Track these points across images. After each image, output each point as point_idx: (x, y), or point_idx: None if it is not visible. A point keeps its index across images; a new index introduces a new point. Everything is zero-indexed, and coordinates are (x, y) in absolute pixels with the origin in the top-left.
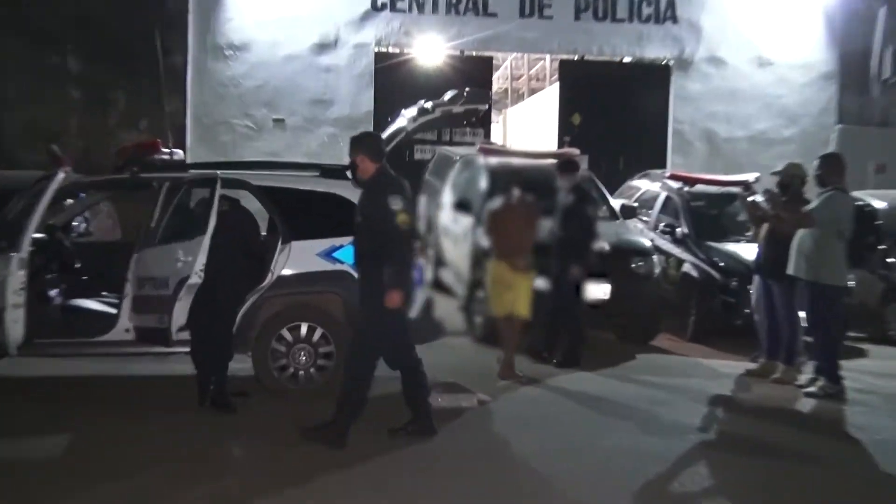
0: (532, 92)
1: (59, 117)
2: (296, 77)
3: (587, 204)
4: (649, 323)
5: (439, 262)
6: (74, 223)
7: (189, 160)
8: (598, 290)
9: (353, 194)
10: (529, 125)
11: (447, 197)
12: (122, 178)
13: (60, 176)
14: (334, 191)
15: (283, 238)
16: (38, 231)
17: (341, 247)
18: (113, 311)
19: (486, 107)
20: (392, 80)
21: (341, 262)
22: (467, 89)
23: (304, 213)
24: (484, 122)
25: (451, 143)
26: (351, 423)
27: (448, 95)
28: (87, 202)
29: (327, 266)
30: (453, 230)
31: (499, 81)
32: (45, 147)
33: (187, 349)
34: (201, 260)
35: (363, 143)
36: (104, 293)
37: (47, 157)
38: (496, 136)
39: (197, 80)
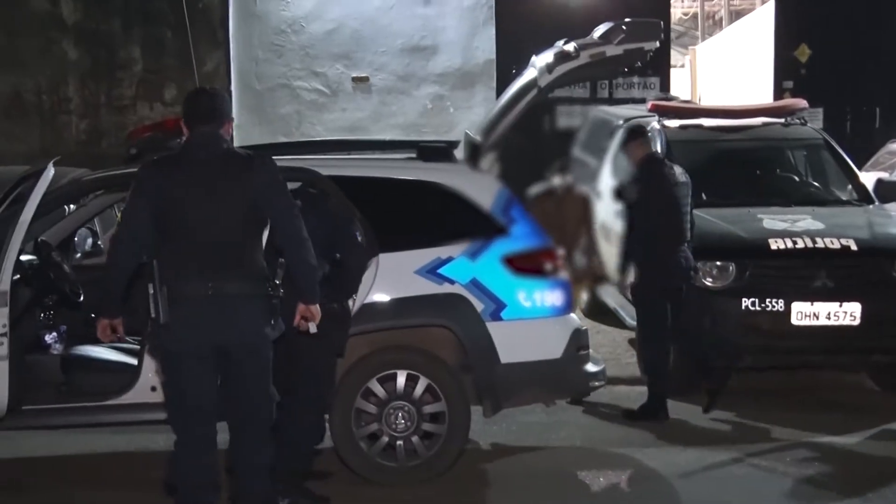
0: (734, 17)
1: (51, 87)
2: (382, 16)
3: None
4: None
5: (597, 275)
6: (76, 238)
7: (237, 142)
8: (840, 312)
9: (464, 183)
10: (730, 67)
11: (606, 180)
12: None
13: (51, 172)
14: (438, 179)
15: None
16: (24, 251)
17: (450, 259)
18: (132, 360)
19: (657, 44)
20: (521, 12)
21: (452, 282)
22: (627, 20)
23: (397, 214)
24: (657, 67)
25: (611, 100)
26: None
27: (599, 31)
28: (93, 208)
29: (432, 288)
30: (615, 229)
31: (682, 3)
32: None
33: None
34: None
35: None
36: (120, 336)
37: None
38: (679, 87)
39: (242, 28)
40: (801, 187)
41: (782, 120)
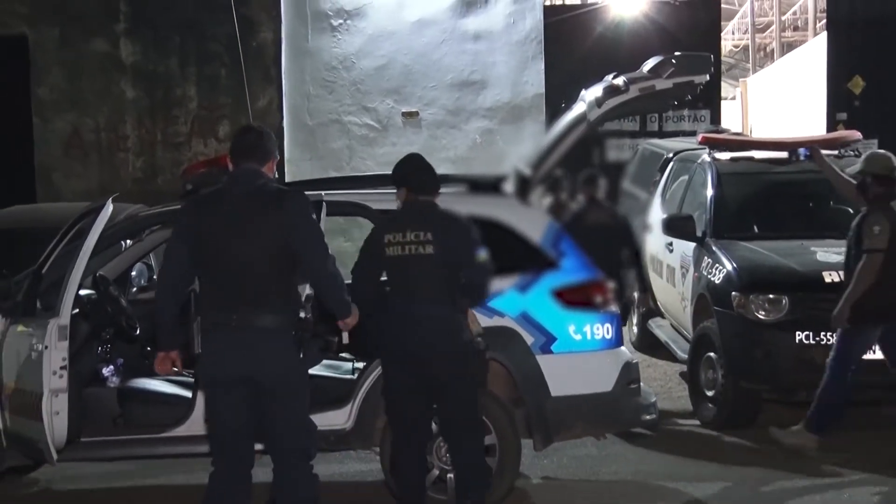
0: (786, 49)
1: (110, 125)
2: (432, 51)
3: None
4: None
5: (648, 308)
6: (133, 273)
7: (288, 177)
8: None
9: (513, 216)
10: (782, 99)
11: (656, 213)
12: None
13: (110, 208)
14: (488, 212)
15: None
16: (83, 286)
17: (500, 292)
18: (187, 393)
19: (706, 77)
20: (572, 46)
21: (502, 315)
22: (677, 53)
23: None
24: (708, 100)
25: (661, 133)
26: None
27: (648, 65)
28: (148, 243)
29: (483, 321)
30: (666, 262)
31: (733, 36)
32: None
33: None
34: None
35: None
36: (175, 368)
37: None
38: (729, 120)
39: (294, 64)
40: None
41: (836, 152)
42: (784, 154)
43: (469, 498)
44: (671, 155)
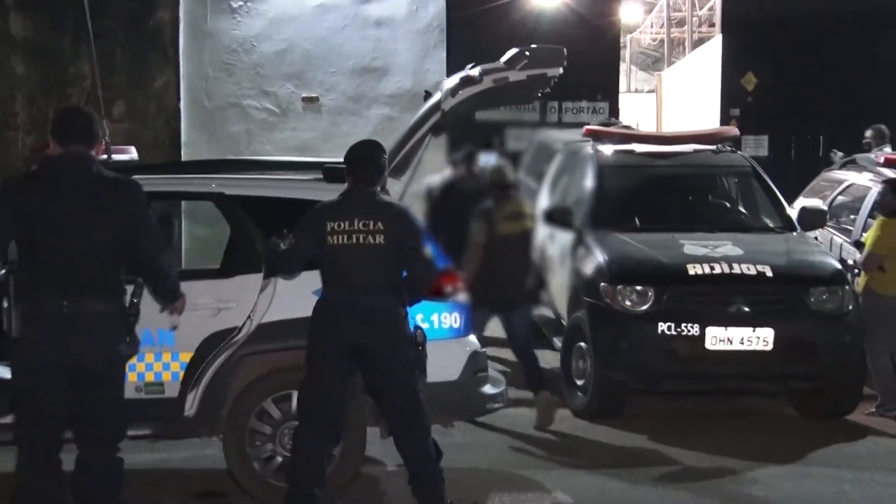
0: (699, 44)
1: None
2: (334, 37)
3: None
4: (843, 387)
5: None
6: None
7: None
8: (753, 338)
9: None
10: (687, 94)
11: (544, 204)
12: None
13: None
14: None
15: (261, 269)
16: None
17: None
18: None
19: (560, 70)
20: (472, 36)
21: None
22: (532, 46)
23: None
24: (607, 92)
25: (560, 124)
26: None
27: (505, 57)
28: None
29: None
30: (548, 252)
31: (651, 30)
32: None
33: None
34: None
35: None
36: None
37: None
38: (648, 112)
39: (193, 45)
40: (726, 214)
41: (713, 147)
42: (664, 147)
43: (428, 484)
44: (560, 146)
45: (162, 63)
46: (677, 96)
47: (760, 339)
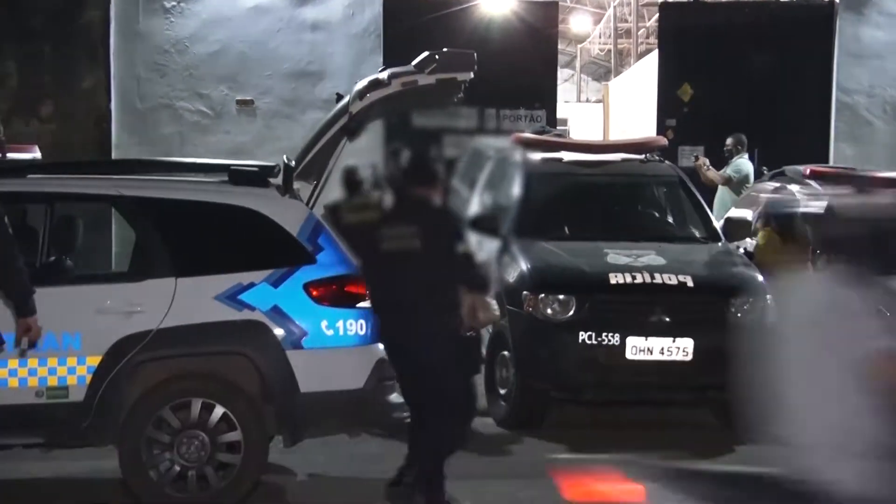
0: (644, 55)
1: None
2: (268, 40)
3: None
4: None
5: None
6: None
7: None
8: (673, 348)
9: (269, 208)
10: (630, 104)
11: (473, 210)
12: None
13: None
14: (243, 203)
15: (161, 273)
16: None
17: (251, 285)
18: None
19: (470, 75)
20: (409, 41)
21: (252, 308)
22: (443, 50)
23: (199, 237)
24: (544, 100)
25: (499, 132)
26: None
27: (415, 61)
28: None
29: (231, 314)
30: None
31: (599, 40)
32: None
33: None
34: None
35: None
36: None
37: None
38: (596, 121)
39: (124, 45)
40: (651, 224)
41: (642, 157)
42: (592, 156)
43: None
44: (491, 153)
45: (92, 63)
46: (622, 106)
47: (680, 349)
